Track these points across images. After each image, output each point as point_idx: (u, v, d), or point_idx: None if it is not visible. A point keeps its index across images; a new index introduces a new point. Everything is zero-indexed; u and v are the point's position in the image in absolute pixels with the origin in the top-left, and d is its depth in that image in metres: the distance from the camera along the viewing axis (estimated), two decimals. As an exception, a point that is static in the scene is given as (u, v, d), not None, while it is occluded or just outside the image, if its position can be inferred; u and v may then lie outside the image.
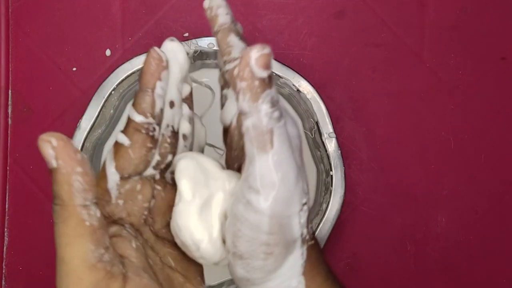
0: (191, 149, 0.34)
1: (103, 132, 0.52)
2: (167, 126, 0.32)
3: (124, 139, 0.30)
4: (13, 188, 0.55)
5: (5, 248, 0.55)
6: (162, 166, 0.32)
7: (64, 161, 0.25)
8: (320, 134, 0.51)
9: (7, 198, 0.55)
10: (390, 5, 0.56)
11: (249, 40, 0.55)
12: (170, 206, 0.32)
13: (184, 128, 0.33)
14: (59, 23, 0.56)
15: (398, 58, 0.55)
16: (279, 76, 0.51)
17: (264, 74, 0.26)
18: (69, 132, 0.51)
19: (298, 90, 0.51)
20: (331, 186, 0.50)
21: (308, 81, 0.51)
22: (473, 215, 0.55)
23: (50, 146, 0.26)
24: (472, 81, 0.55)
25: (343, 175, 0.50)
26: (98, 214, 0.26)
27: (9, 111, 0.56)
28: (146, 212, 0.31)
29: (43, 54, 0.56)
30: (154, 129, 0.31)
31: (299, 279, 0.30)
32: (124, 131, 0.30)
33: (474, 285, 0.55)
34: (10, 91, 0.56)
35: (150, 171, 0.31)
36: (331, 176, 0.50)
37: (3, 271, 0.55)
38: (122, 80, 0.51)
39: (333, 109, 0.54)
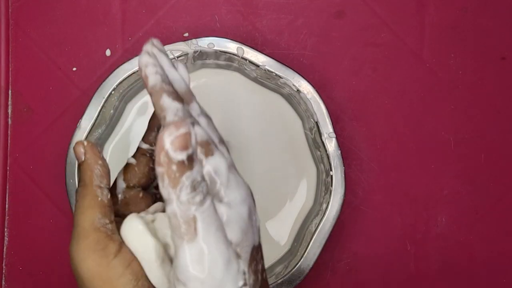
0: None
1: (103, 132, 0.52)
2: None
3: (132, 160, 0.38)
4: (13, 188, 0.55)
5: (5, 248, 0.55)
6: None
7: (90, 156, 0.35)
8: (320, 134, 0.51)
9: (7, 198, 0.55)
10: (390, 5, 0.56)
11: (249, 40, 0.55)
12: None
13: None
14: (59, 23, 0.56)
15: (398, 58, 0.55)
16: (279, 76, 0.51)
17: (181, 156, 0.26)
18: (69, 132, 0.51)
19: (298, 90, 0.51)
20: (331, 186, 0.50)
21: (308, 81, 0.51)
22: (473, 215, 0.55)
23: (82, 146, 0.35)
24: (472, 81, 0.55)
25: (343, 175, 0.50)
26: (109, 196, 0.35)
27: (9, 111, 0.56)
28: None
29: (43, 54, 0.56)
30: None
31: None
32: (133, 155, 0.38)
33: (474, 285, 0.55)
34: (10, 91, 0.56)
35: (152, 190, 0.38)
36: (331, 176, 0.50)
37: (3, 271, 0.55)
38: (122, 80, 0.51)
39: (333, 109, 0.54)
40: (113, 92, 0.51)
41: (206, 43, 0.51)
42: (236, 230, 0.29)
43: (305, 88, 0.51)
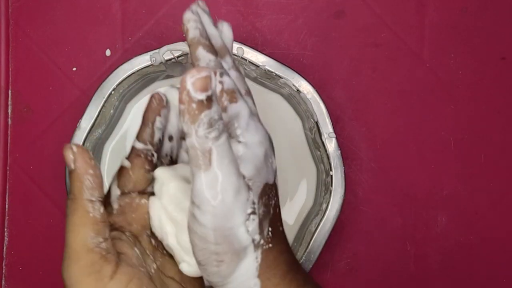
0: None
1: (103, 132, 0.52)
2: (166, 155, 0.38)
3: (126, 163, 0.37)
4: (13, 188, 0.55)
5: (5, 248, 0.55)
6: None
7: (80, 164, 0.32)
8: (320, 134, 0.51)
9: (7, 198, 0.55)
10: (390, 5, 0.56)
11: (249, 40, 0.55)
12: None
13: (183, 158, 0.39)
14: (59, 23, 0.56)
15: (398, 58, 0.55)
16: (279, 76, 0.51)
17: (201, 96, 0.28)
18: (69, 132, 0.51)
19: (298, 90, 0.51)
20: (331, 186, 0.50)
21: (308, 81, 0.51)
22: (473, 215, 0.55)
23: (71, 152, 0.32)
24: (472, 81, 0.55)
25: (343, 175, 0.50)
26: (102, 210, 0.32)
27: (9, 111, 0.56)
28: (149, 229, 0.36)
29: (43, 54, 0.56)
30: (153, 155, 0.37)
31: (255, 281, 0.32)
32: (127, 157, 0.37)
33: (474, 285, 0.55)
34: (10, 91, 0.56)
35: (150, 189, 0.37)
36: (331, 176, 0.50)
37: (3, 271, 0.55)
38: (122, 80, 0.51)
39: (333, 109, 0.54)
40: (113, 92, 0.51)
41: (206, 43, 0.50)
42: (249, 166, 0.31)
43: (305, 88, 0.51)
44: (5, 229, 0.55)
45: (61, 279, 0.55)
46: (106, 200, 0.35)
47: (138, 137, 0.37)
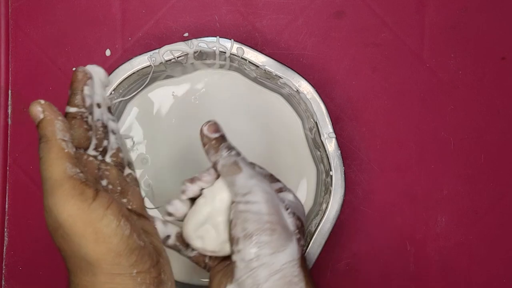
0: (119, 144, 0.43)
1: (103, 132, 0.52)
2: (98, 120, 0.41)
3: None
4: (13, 188, 0.55)
5: (5, 248, 0.55)
6: (100, 148, 0.40)
7: (49, 112, 0.35)
8: (320, 134, 0.51)
9: (7, 198, 0.55)
10: (390, 5, 0.56)
11: (249, 40, 0.55)
12: (119, 182, 0.40)
13: (112, 125, 0.42)
14: (59, 23, 0.56)
15: (398, 58, 0.55)
16: (279, 76, 0.51)
17: (215, 135, 0.41)
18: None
19: (298, 90, 0.51)
20: (331, 186, 0.50)
21: (308, 81, 0.51)
22: (473, 215, 0.55)
23: (39, 105, 0.35)
24: (472, 81, 0.55)
25: (343, 175, 0.50)
26: (74, 149, 0.35)
27: (9, 111, 0.56)
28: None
29: (43, 54, 0.56)
30: (87, 116, 0.39)
31: (299, 270, 0.39)
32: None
33: (474, 285, 0.55)
34: (10, 91, 0.56)
35: (92, 152, 0.40)
36: (331, 176, 0.50)
37: (3, 271, 0.55)
38: (122, 80, 0.51)
39: (333, 109, 0.54)
40: (113, 92, 0.51)
41: (206, 43, 0.51)
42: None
43: (305, 88, 0.51)
44: (5, 229, 0.55)
45: (61, 278, 0.55)
46: None
47: (70, 103, 0.40)
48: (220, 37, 0.51)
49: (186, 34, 0.55)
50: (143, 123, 0.54)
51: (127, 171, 0.41)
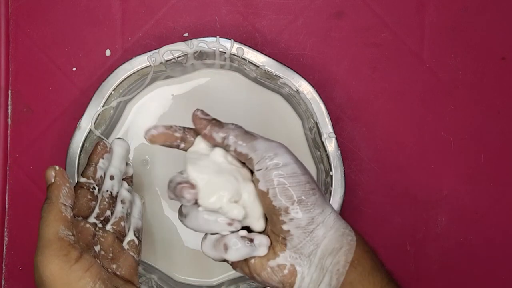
0: (129, 213, 0.47)
1: (103, 132, 0.52)
2: (107, 191, 0.45)
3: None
4: (13, 188, 0.55)
5: (5, 248, 0.55)
6: (102, 217, 0.44)
7: (59, 178, 0.40)
8: (320, 134, 0.51)
9: (7, 198, 0.55)
10: (390, 5, 0.56)
11: (249, 40, 0.55)
12: (112, 249, 0.44)
13: (123, 195, 0.47)
14: (59, 23, 0.56)
15: (398, 58, 0.55)
16: (279, 76, 0.51)
17: (209, 117, 0.41)
18: (69, 132, 0.51)
19: (298, 90, 0.51)
20: (331, 186, 0.50)
21: (308, 81, 0.51)
22: (473, 215, 0.55)
23: (54, 170, 0.40)
24: (472, 81, 0.55)
25: (343, 175, 0.50)
26: (71, 214, 0.40)
27: (9, 111, 0.56)
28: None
29: (43, 54, 0.56)
30: (94, 188, 0.44)
31: (345, 221, 0.40)
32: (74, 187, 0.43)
33: (474, 285, 0.55)
34: (10, 91, 0.56)
35: (93, 220, 0.44)
36: (331, 176, 0.50)
37: (3, 271, 0.55)
38: (122, 80, 0.51)
39: (333, 109, 0.54)
40: (113, 92, 0.51)
41: (206, 43, 0.51)
42: None
43: (305, 88, 0.51)
44: (5, 229, 0.55)
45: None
46: None
47: (83, 174, 0.45)
48: (220, 37, 0.51)
49: (186, 34, 0.55)
50: (143, 123, 0.54)
51: (129, 237, 0.46)
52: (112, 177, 0.46)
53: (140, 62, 0.51)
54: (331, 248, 0.39)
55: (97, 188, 0.44)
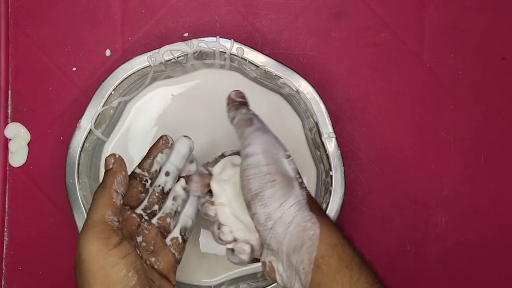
0: (179, 211, 0.46)
1: (103, 132, 0.52)
2: (159, 185, 0.45)
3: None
4: (13, 188, 0.55)
5: (5, 248, 0.55)
6: (149, 211, 0.45)
7: (117, 165, 0.41)
8: (320, 134, 0.51)
9: (7, 198, 0.55)
10: (390, 5, 0.56)
11: (249, 40, 0.55)
12: (154, 243, 0.44)
13: (176, 191, 0.46)
14: (59, 23, 0.56)
15: (398, 58, 0.55)
16: (279, 76, 0.51)
17: (239, 99, 0.43)
18: (69, 132, 0.51)
19: (297, 90, 0.51)
20: (331, 186, 0.50)
21: (308, 81, 0.51)
22: (473, 215, 0.55)
23: (113, 157, 0.41)
24: (472, 81, 0.55)
25: (343, 175, 0.50)
26: (121, 201, 0.40)
27: (9, 111, 0.56)
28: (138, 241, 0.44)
29: (43, 54, 0.56)
30: (147, 180, 0.45)
31: (310, 214, 0.38)
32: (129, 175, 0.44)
33: (474, 285, 0.55)
34: (10, 91, 0.56)
35: (139, 211, 0.44)
36: (331, 176, 0.50)
37: (3, 271, 0.55)
38: (122, 80, 0.51)
39: (333, 109, 0.54)
40: (113, 92, 0.51)
41: (206, 43, 0.51)
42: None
43: (305, 88, 0.51)
44: (5, 229, 0.55)
45: (61, 278, 0.55)
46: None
47: (139, 165, 0.45)
48: (220, 37, 0.51)
49: (186, 34, 0.55)
50: (143, 123, 0.54)
51: (173, 234, 0.45)
52: (167, 173, 0.46)
53: (140, 62, 0.51)
54: (293, 245, 0.37)
55: (149, 181, 0.45)
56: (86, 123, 0.51)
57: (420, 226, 0.55)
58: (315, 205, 0.39)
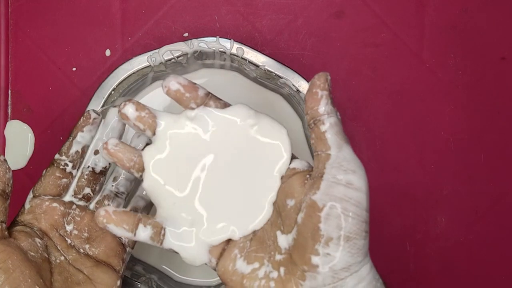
0: (123, 192, 0.44)
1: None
2: (88, 167, 0.42)
3: (44, 171, 0.42)
4: (13, 188, 0.55)
5: (5, 248, 0.55)
6: (79, 196, 0.42)
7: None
8: (320, 134, 0.50)
9: (7, 198, 0.55)
10: (390, 5, 0.56)
11: (249, 40, 0.55)
12: (88, 229, 0.41)
13: (117, 170, 0.44)
14: (59, 23, 0.56)
15: (398, 58, 0.55)
16: (279, 76, 0.51)
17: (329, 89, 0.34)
18: (69, 132, 0.51)
19: (297, 90, 0.51)
20: (331, 186, 0.50)
21: (308, 81, 0.51)
22: (473, 215, 0.55)
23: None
24: (472, 81, 0.55)
25: (343, 175, 0.50)
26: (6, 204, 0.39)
27: (9, 111, 0.56)
28: (67, 228, 0.41)
29: (43, 54, 0.56)
30: (66, 164, 0.42)
31: (379, 276, 0.34)
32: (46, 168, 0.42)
33: (474, 285, 0.55)
34: (10, 91, 0.56)
35: (69, 198, 0.42)
36: (331, 176, 0.50)
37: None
38: (122, 80, 0.51)
39: (333, 109, 0.53)
40: (113, 92, 0.51)
41: (206, 43, 0.51)
42: None
43: (305, 88, 0.51)
44: (5, 229, 0.55)
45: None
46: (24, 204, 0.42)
47: (59, 150, 0.42)
48: (220, 37, 0.51)
49: (186, 34, 0.55)
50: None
51: None
52: (97, 152, 0.42)
53: (140, 62, 0.51)
54: None
55: (70, 164, 0.42)
56: (86, 123, 0.51)
57: (420, 226, 0.55)
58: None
